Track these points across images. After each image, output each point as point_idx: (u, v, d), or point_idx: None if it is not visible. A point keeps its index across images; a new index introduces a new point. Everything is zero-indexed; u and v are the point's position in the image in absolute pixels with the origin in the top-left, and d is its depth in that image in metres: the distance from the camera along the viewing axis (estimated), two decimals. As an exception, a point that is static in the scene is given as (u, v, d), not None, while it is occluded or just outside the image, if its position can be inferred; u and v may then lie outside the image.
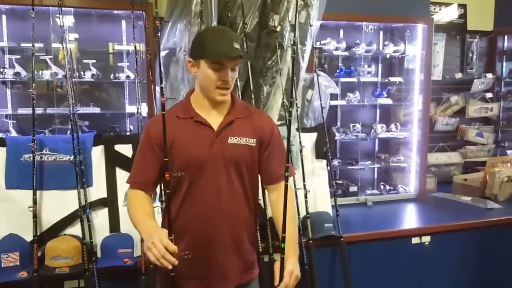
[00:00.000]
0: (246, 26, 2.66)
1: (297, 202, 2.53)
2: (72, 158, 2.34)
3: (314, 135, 2.87)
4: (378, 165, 3.73)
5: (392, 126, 3.70)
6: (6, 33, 2.82)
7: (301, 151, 2.64)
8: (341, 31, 3.60)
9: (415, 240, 2.85)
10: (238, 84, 2.58)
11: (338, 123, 3.70)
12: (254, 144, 1.74)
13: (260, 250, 2.41)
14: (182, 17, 2.61)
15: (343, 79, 3.53)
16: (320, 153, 2.82)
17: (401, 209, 3.36)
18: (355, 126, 3.59)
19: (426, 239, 2.86)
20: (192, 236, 1.69)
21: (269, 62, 2.79)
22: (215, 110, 1.73)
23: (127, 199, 1.76)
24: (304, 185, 2.58)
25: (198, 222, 1.69)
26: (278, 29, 2.74)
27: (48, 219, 2.32)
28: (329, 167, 2.86)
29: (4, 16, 2.81)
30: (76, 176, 2.31)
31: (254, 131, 1.75)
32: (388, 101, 3.68)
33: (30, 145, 2.27)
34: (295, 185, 2.44)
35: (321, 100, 2.80)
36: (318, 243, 2.55)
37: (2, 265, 2.13)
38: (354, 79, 3.56)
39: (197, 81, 1.72)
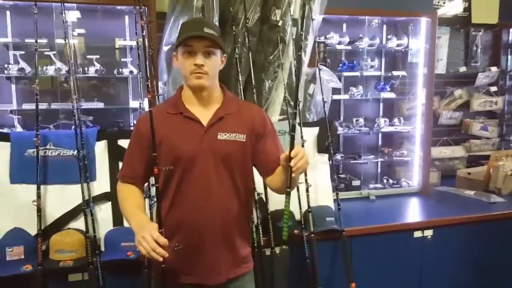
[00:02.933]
0: (247, 21, 2.66)
1: (298, 196, 2.55)
2: (75, 153, 2.36)
3: (316, 130, 2.87)
4: (382, 159, 3.73)
5: (396, 120, 3.70)
6: (10, 29, 2.83)
7: (302, 145, 2.64)
8: (344, 25, 3.59)
9: (417, 234, 2.85)
10: (240, 79, 2.59)
11: (341, 118, 3.70)
12: (244, 140, 1.74)
13: (262, 243, 2.43)
14: (184, 12, 2.61)
15: (346, 73, 3.52)
16: (322, 147, 2.83)
17: (404, 203, 3.37)
18: (358, 120, 3.59)
19: (429, 232, 2.86)
20: (183, 231, 1.71)
21: (271, 57, 2.79)
22: (205, 105, 1.74)
23: (118, 192, 1.79)
24: (306, 179, 2.58)
25: (189, 217, 1.70)
26: (279, 24, 2.74)
27: (52, 213, 2.34)
28: (331, 162, 2.86)
29: (8, 12, 2.82)
30: (79, 170, 2.33)
31: (244, 126, 1.76)
32: (392, 95, 3.67)
33: (34, 140, 2.29)
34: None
35: (323, 94, 2.80)
36: (320, 236, 2.55)
37: (7, 259, 2.15)
38: (357, 73, 3.55)
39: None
